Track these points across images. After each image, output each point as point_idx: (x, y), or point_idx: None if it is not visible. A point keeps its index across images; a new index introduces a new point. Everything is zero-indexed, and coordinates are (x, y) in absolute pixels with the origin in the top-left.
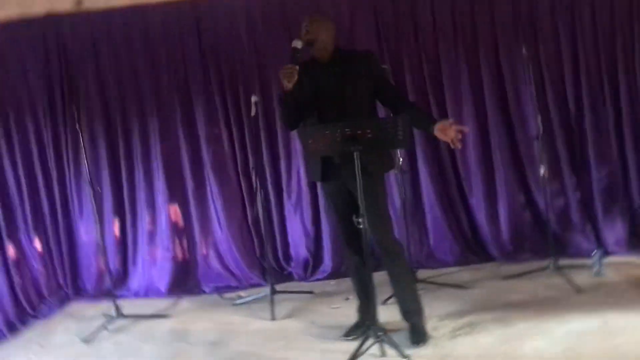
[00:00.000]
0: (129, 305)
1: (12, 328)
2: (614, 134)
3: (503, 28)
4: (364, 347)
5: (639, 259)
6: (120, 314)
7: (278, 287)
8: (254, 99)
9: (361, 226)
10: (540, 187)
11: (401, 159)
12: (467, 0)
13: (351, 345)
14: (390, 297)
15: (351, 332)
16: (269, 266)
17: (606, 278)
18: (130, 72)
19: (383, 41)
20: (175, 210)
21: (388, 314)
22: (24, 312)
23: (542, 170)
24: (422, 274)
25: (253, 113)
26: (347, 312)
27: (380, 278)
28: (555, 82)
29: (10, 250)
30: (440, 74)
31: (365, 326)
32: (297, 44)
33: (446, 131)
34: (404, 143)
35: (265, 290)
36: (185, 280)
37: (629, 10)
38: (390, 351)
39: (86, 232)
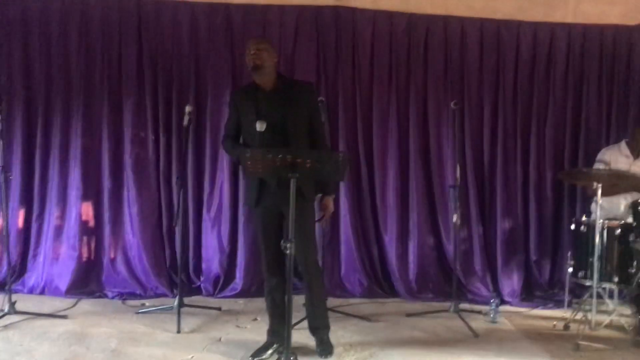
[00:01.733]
0: (23, 301)
1: None
2: (520, 192)
3: (434, 78)
4: None
5: (528, 310)
6: (13, 310)
7: (185, 300)
8: (188, 108)
9: (288, 251)
10: (449, 232)
11: None
12: (404, 46)
13: None
14: (300, 321)
15: (259, 353)
16: (178, 278)
17: (500, 325)
18: (60, 59)
19: (322, 71)
20: (87, 209)
21: (296, 337)
22: None
23: (455, 218)
24: (329, 302)
25: (185, 123)
26: (254, 332)
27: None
28: (474, 137)
29: None
30: (372, 112)
31: (277, 349)
32: (262, 127)
33: (324, 208)
34: (340, 176)
35: (172, 301)
36: (87, 281)
37: (545, 77)
38: None
39: None
